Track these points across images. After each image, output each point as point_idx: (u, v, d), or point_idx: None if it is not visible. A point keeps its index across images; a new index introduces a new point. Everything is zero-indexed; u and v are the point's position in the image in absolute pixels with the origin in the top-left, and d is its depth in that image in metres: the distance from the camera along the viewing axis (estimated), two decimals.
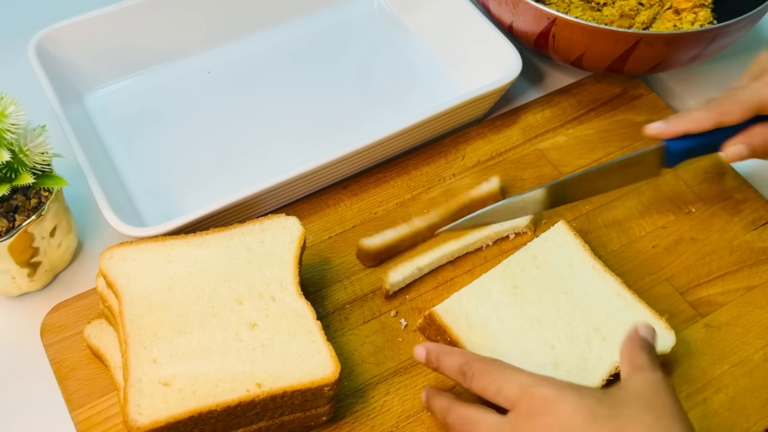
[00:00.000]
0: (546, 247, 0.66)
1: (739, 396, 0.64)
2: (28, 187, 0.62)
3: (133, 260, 0.60)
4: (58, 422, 0.61)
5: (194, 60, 0.84)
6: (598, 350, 0.61)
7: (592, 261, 0.66)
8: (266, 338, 0.57)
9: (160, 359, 0.55)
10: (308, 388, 0.55)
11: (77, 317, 0.65)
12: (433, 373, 0.64)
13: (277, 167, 0.69)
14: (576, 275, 0.65)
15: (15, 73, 0.78)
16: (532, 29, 0.78)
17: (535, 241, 0.67)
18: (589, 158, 0.78)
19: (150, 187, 0.74)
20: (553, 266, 0.65)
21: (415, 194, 0.75)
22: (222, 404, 0.54)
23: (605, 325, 0.62)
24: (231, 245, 0.62)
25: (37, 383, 0.63)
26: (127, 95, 0.81)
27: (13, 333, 0.66)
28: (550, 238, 0.67)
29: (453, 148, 0.78)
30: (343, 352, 0.64)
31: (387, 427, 0.61)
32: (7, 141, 0.58)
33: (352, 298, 0.68)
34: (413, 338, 0.66)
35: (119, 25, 0.79)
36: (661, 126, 0.67)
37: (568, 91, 0.84)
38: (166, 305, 0.58)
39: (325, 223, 0.72)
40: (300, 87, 0.83)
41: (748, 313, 0.68)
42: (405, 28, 0.89)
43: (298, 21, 0.88)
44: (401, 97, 0.83)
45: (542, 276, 0.64)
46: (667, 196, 0.76)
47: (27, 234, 0.61)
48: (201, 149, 0.77)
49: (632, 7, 0.84)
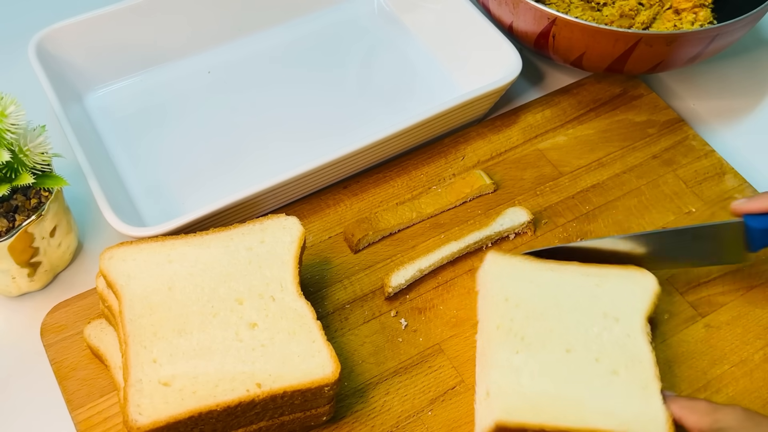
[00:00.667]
0: (507, 283, 0.64)
1: (739, 396, 0.64)
2: (28, 187, 0.62)
3: (133, 260, 0.60)
4: (58, 422, 0.61)
5: (194, 60, 0.84)
6: (617, 332, 0.61)
7: (548, 265, 0.65)
8: (266, 338, 0.57)
9: (160, 359, 0.55)
10: (308, 388, 0.55)
11: (77, 317, 0.65)
12: (432, 373, 0.64)
13: (277, 167, 0.69)
14: (551, 289, 0.64)
15: (15, 73, 0.78)
16: (532, 29, 0.78)
17: (489, 284, 0.65)
18: (589, 158, 0.78)
19: (150, 187, 0.74)
20: (526, 296, 0.63)
21: (415, 194, 0.75)
22: (222, 404, 0.54)
23: (609, 310, 0.62)
24: (231, 245, 0.62)
25: (37, 383, 0.63)
26: (127, 95, 0.81)
27: (13, 333, 0.66)
28: (503, 273, 0.65)
29: (453, 148, 0.78)
30: (343, 352, 0.64)
31: (387, 427, 0.61)
32: (7, 141, 0.58)
33: (352, 298, 0.68)
34: (413, 338, 0.66)
35: (119, 25, 0.79)
36: (744, 202, 0.64)
37: (568, 91, 0.84)
38: (166, 305, 0.58)
39: (325, 223, 0.72)
40: (300, 87, 0.83)
41: (748, 313, 0.68)
42: (405, 28, 0.89)
43: (298, 21, 0.88)
44: (401, 97, 0.83)
45: (528, 310, 0.62)
46: (667, 196, 0.76)
47: (27, 234, 0.61)
48: (201, 149, 0.77)
49: (632, 7, 0.84)
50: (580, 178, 0.77)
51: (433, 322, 0.66)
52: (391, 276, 0.67)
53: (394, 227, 0.71)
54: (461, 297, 0.68)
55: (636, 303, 0.62)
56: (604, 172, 0.77)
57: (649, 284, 0.63)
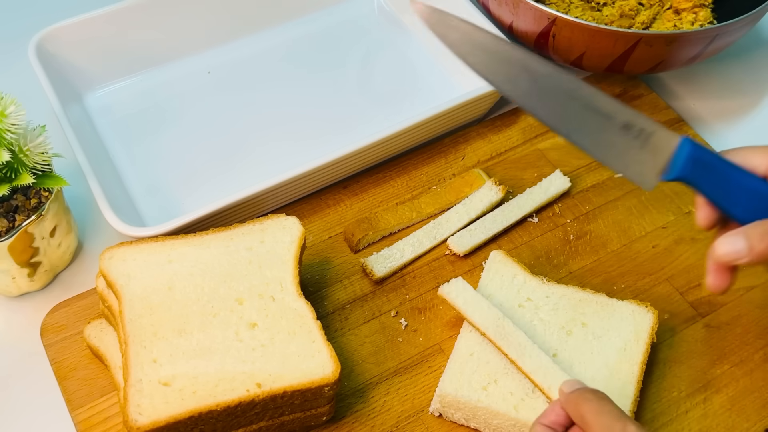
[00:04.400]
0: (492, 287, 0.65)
1: (739, 396, 0.64)
2: (28, 187, 0.62)
3: (133, 260, 0.60)
4: (58, 422, 0.61)
5: (194, 60, 0.84)
6: (596, 342, 0.62)
7: (537, 279, 0.65)
8: (266, 338, 0.57)
9: (160, 359, 0.55)
10: (308, 388, 0.55)
11: (77, 317, 0.65)
12: (433, 372, 0.64)
13: (277, 167, 0.69)
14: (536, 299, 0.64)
15: (15, 73, 0.78)
16: (532, 29, 0.78)
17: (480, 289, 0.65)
18: (589, 158, 0.78)
19: (150, 187, 0.74)
20: (508, 306, 0.64)
21: (415, 194, 0.75)
22: (222, 404, 0.54)
23: (591, 322, 0.63)
24: (231, 245, 0.62)
25: (37, 383, 0.63)
26: (127, 95, 0.81)
27: (13, 333, 0.66)
28: (490, 278, 0.65)
29: (453, 148, 0.78)
30: (343, 352, 0.64)
31: (387, 427, 0.61)
32: (7, 141, 0.58)
33: (352, 298, 0.68)
34: (413, 338, 0.66)
35: (119, 25, 0.79)
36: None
37: None
38: (166, 305, 0.58)
39: (325, 223, 0.72)
40: (300, 87, 0.83)
41: (748, 313, 0.68)
42: (405, 28, 0.89)
43: (298, 21, 0.88)
44: (401, 97, 0.83)
45: (522, 323, 0.63)
46: (667, 196, 0.76)
47: (27, 234, 0.61)
48: (201, 149, 0.77)
49: (632, 7, 0.84)
50: (580, 178, 0.77)
51: (433, 322, 0.66)
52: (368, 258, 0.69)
53: (394, 227, 0.72)
54: None
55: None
56: (604, 172, 0.77)
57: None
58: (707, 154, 0.52)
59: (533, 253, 0.71)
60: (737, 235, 0.50)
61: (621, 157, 0.53)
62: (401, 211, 0.72)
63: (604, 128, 0.52)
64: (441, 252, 0.71)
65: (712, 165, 0.52)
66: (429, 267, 0.70)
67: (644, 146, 0.52)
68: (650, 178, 0.53)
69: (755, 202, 0.52)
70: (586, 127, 0.52)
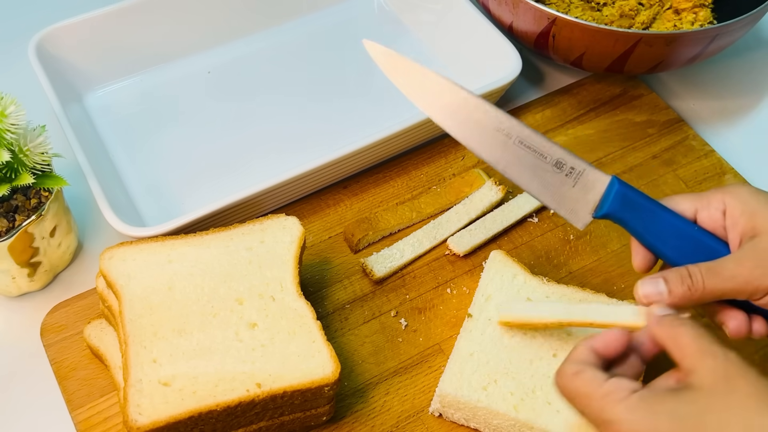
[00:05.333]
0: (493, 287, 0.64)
1: None
2: (28, 187, 0.62)
3: (133, 260, 0.60)
4: (58, 422, 0.61)
5: (194, 60, 0.84)
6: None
7: (537, 279, 0.65)
8: (266, 338, 0.57)
9: (160, 359, 0.55)
10: (308, 388, 0.55)
11: (77, 317, 0.65)
12: (433, 372, 0.64)
13: (277, 167, 0.69)
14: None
15: (15, 73, 0.78)
16: (532, 29, 0.78)
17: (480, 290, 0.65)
18: (590, 158, 0.78)
19: (150, 187, 0.74)
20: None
21: (415, 194, 0.75)
22: (222, 404, 0.54)
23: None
24: (231, 245, 0.62)
25: (37, 383, 0.63)
26: (127, 95, 0.81)
27: (13, 333, 0.66)
28: (490, 278, 0.65)
29: (453, 148, 0.78)
30: (343, 352, 0.64)
31: (387, 427, 0.61)
32: (7, 141, 0.58)
33: (352, 298, 0.68)
34: (413, 338, 0.66)
35: (119, 25, 0.79)
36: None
37: (568, 91, 0.84)
38: (166, 305, 0.58)
39: (325, 223, 0.72)
40: (300, 87, 0.83)
41: None
42: (405, 28, 0.89)
43: (298, 21, 0.88)
44: (401, 97, 0.83)
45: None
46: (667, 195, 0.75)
47: (27, 234, 0.61)
48: (201, 149, 0.77)
49: (632, 7, 0.84)
50: None
51: (433, 322, 0.66)
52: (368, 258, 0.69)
53: (394, 227, 0.72)
54: (461, 297, 0.68)
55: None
56: (604, 172, 0.77)
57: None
58: (635, 193, 0.54)
59: (533, 253, 0.71)
60: (658, 278, 0.51)
61: (554, 195, 0.55)
62: (401, 211, 0.72)
63: (537, 166, 0.55)
64: (441, 252, 0.71)
65: (639, 203, 0.54)
66: (429, 267, 0.70)
67: (576, 184, 0.55)
68: (583, 216, 0.55)
69: (681, 242, 0.53)
70: (521, 164, 0.56)
